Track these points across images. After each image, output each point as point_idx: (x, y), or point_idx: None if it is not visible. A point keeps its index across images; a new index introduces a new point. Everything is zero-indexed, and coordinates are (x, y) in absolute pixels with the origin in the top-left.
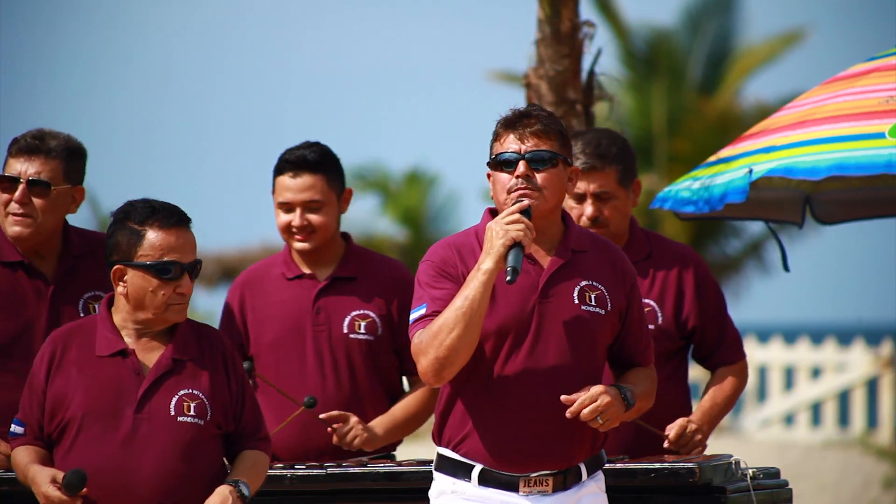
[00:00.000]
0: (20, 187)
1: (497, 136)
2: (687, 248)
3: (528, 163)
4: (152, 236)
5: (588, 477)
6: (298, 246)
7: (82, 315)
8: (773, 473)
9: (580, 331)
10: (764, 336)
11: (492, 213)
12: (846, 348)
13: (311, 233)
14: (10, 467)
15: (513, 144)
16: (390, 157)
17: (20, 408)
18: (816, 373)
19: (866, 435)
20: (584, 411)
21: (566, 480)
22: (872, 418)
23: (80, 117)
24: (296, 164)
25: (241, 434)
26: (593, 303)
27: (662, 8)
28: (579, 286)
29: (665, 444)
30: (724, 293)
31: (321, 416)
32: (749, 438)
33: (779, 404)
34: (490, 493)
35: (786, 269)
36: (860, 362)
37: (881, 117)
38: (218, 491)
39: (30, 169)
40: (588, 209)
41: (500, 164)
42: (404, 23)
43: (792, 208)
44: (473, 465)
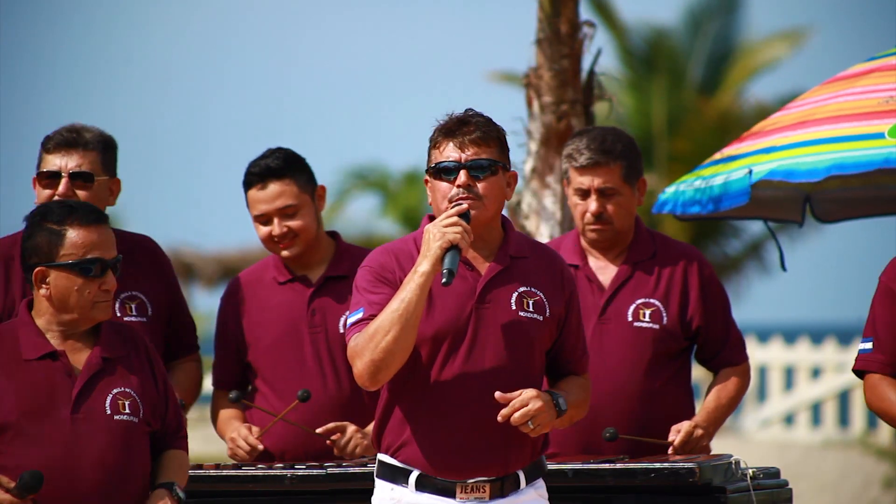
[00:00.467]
0: (63, 181)
1: (436, 143)
2: (692, 249)
3: (469, 171)
4: (73, 235)
5: (527, 484)
6: (285, 254)
7: (118, 315)
8: (773, 473)
9: (517, 336)
10: (764, 336)
11: (431, 219)
12: (846, 348)
13: (293, 238)
14: None
15: (452, 153)
16: (390, 156)
17: None
18: (816, 373)
19: (866, 435)
20: (515, 415)
21: (504, 487)
22: (872, 418)
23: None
24: (261, 175)
25: (165, 432)
26: (531, 308)
27: (662, 8)
28: (517, 292)
29: (670, 451)
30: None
31: (318, 430)
32: (749, 438)
33: (779, 404)
34: (427, 499)
35: (783, 268)
36: None
37: (881, 117)
38: (156, 495)
39: (70, 162)
40: (592, 205)
41: (440, 172)
42: (404, 23)
43: (792, 207)
44: (411, 471)
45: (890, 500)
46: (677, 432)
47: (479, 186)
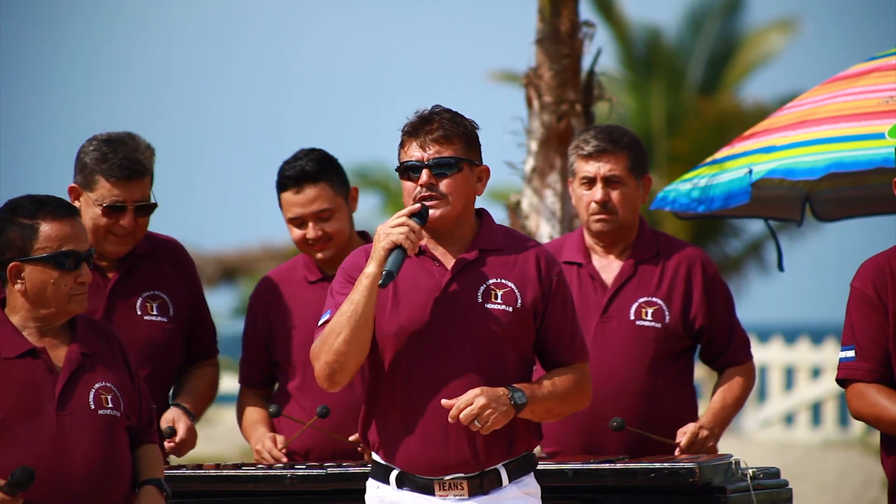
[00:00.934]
0: (128, 212)
1: (401, 143)
2: (696, 248)
3: (431, 170)
4: (46, 228)
5: (511, 482)
6: (319, 256)
7: (139, 313)
8: (773, 473)
9: (485, 329)
10: (764, 336)
11: None
12: None
13: (328, 241)
14: None
15: (416, 152)
16: (391, 156)
17: None
18: (816, 373)
19: (866, 435)
20: (461, 416)
21: (483, 484)
22: None
23: (80, 117)
24: (296, 179)
25: (139, 427)
26: (499, 300)
27: (662, 8)
28: (485, 284)
29: (676, 452)
30: None
31: (350, 438)
32: (749, 438)
33: (779, 404)
34: (408, 496)
35: (780, 268)
36: None
37: (881, 118)
38: (147, 491)
39: (134, 194)
40: (597, 193)
41: (405, 171)
42: (404, 23)
43: (792, 206)
44: (392, 469)
45: None
46: (683, 434)
47: (443, 184)
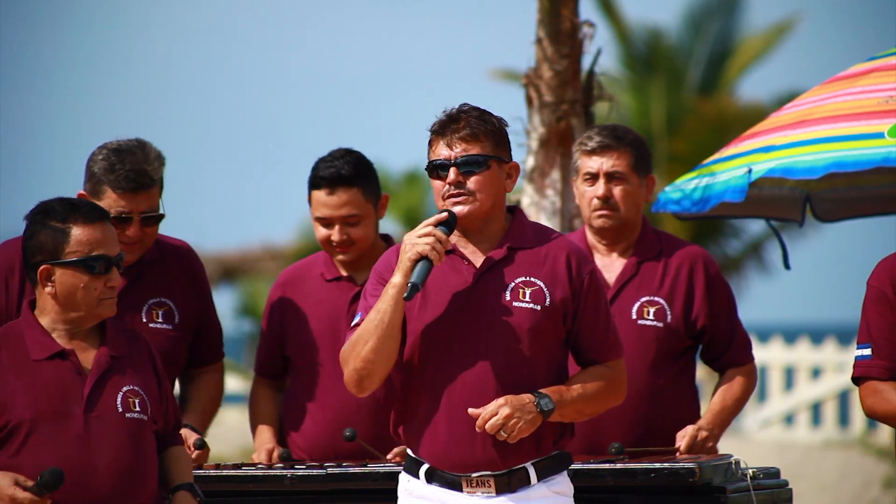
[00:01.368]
0: (134, 223)
1: (430, 142)
2: (698, 248)
3: (458, 168)
4: (78, 232)
5: (539, 480)
6: (339, 258)
7: (144, 321)
8: (773, 473)
9: (513, 327)
10: (764, 336)
11: None
12: (846, 348)
13: (351, 245)
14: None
15: (443, 151)
16: (390, 157)
17: None
18: (816, 373)
19: (866, 435)
20: (486, 426)
21: (511, 482)
22: (872, 418)
23: (79, 117)
24: (331, 180)
25: (166, 430)
26: (527, 298)
27: (662, 8)
28: (513, 283)
29: (677, 455)
30: None
31: (388, 455)
32: (749, 438)
33: (779, 404)
34: (437, 491)
35: (787, 266)
36: None
37: (880, 117)
38: (181, 497)
39: (141, 205)
40: (600, 189)
41: (433, 170)
42: (405, 22)
43: (792, 206)
44: (422, 464)
45: (890, 500)
46: (682, 438)
47: (471, 182)
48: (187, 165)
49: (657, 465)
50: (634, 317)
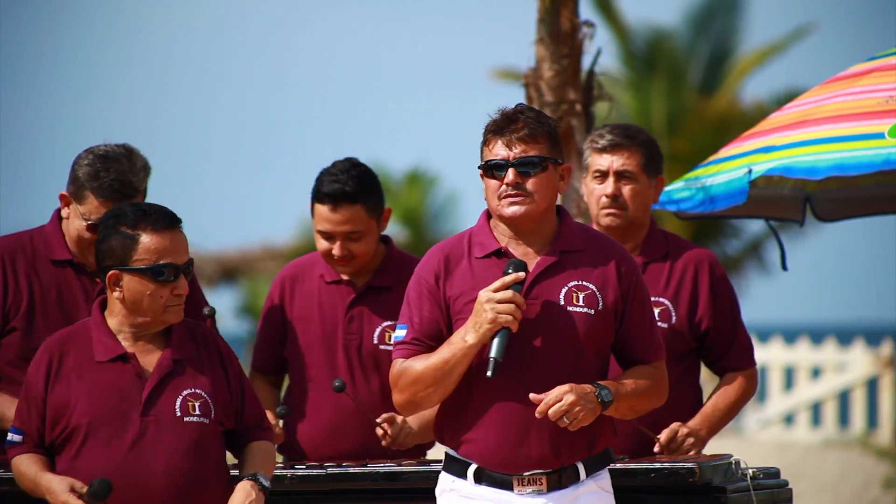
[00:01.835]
0: None
1: (486, 141)
2: (705, 251)
3: (517, 169)
4: (146, 240)
5: (587, 476)
6: (340, 270)
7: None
8: (773, 473)
9: (568, 331)
10: (764, 336)
11: (488, 215)
12: (846, 348)
13: (351, 259)
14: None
15: (501, 150)
16: (391, 157)
17: (17, 416)
18: (816, 373)
19: (866, 435)
20: (550, 412)
21: (562, 479)
22: (872, 418)
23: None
24: (335, 197)
25: (244, 428)
26: (581, 302)
27: (662, 8)
28: (567, 287)
29: (656, 448)
30: None
31: (378, 419)
32: (749, 438)
33: (779, 404)
34: (485, 490)
35: (784, 267)
36: (860, 362)
37: (881, 117)
38: (240, 487)
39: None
40: (609, 187)
41: (490, 169)
42: (405, 22)
43: (792, 206)
44: (469, 464)
45: (890, 500)
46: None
47: (529, 183)
48: (187, 165)
49: (657, 465)
50: None
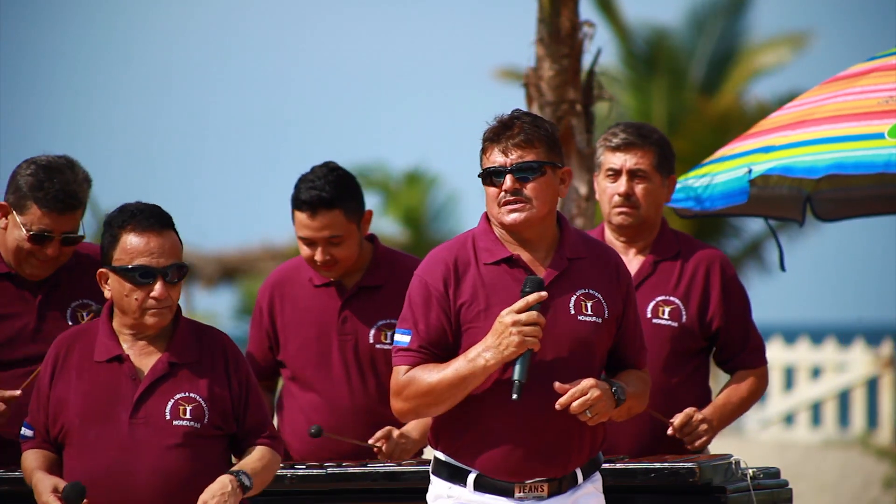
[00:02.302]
0: (54, 242)
1: (484, 149)
2: (716, 251)
3: (515, 175)
4: (125, 240)
5: (584, 480)
6: (324, 274)
7: (70, 323)
8: (773, 473)
9: (577, 341)
10: (764, 336)
11: (487, 218)
12: (846, 348)
13: (334, 265)
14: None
15: (498, 157)
16: (391, 156)
17: (29, 411)
18: (816, 373)
19: (866, 435)
20: (574, 404)
21: (562, 485)
22: (872, 418)
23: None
24: (312, 204)
25: (246, 434)
26: (589, 312)
27: (663, 8)
28: (575, 296)
29: (669, 431)
30: None
31: (369, 441)
32: (749, 438)
33: (779, 404)
34: (485, 498)
35: (782, 268)
36: (860, 362)
37: (881, 117)
38: (219, 479)
39: (64, 225)
40: (622, 186)
41: (489, 177)
42: (405, 22)
43: (792, 206)
44: (469, 472)
45: (890, 500)
46: (678, 416)
47: (528, 188)
48: (187, 165)
49: (657, 465)
50: (649, 315)
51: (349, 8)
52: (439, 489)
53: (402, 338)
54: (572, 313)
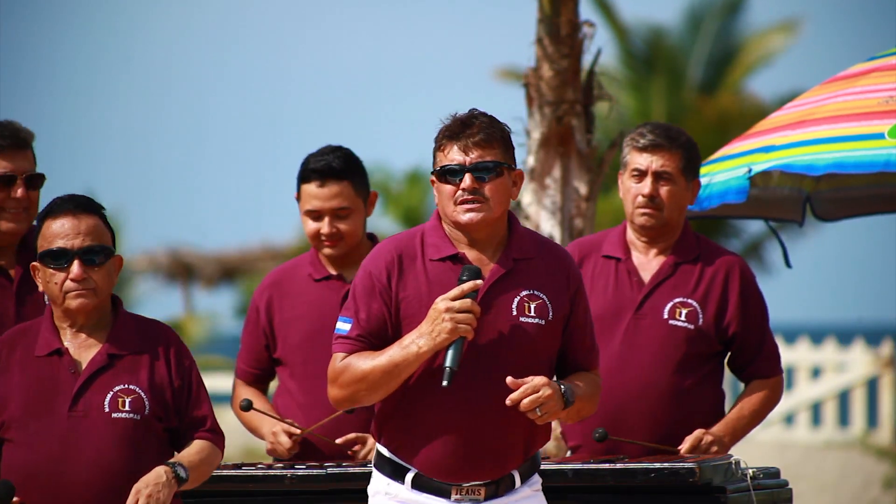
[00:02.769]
0: (18, 183)
1: (440, 146)
2: (736, 256)
3: (473, 174)
4: (45, 227)
5: (522, 483)
6: (327, 252)
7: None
8: (773, 473)
9: (518, 342)
10: None
11: (439, 217)
12: (846, 348)
13: (339, 239)
14: None
15: (457, 156)
16: (391, 157)
17: None
18: (816, 373)
19: (866, 435)
20: (525, 401)
21: (499, 489)
22: (872, 418)
23: (80, 117)
24: (322, 173)
25: (187, 427)
26: (532, 313)
27: (662, 8)
28: (519, 297)
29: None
30: None
31: (337, 440)
32: (749, 438)
33: (779, 404)
34: (422, 497)
35: (787, 265)
36: (860, 362)
37: (881, 118)
38: (154, 470)
39: (23, 165)
40: (646, 187)
41: (445, 174)
42: (405, 22)
43: (792, 206)
44: (408, 469)
45: (890, 500)
46: (687, 441)
47: (485, 188)
48: (188, 165)
49: (657, 464)
50: (666, 316)
51: (349, 8)
52: (378, 484)
53: (343, 325)
54: (514, 314)
